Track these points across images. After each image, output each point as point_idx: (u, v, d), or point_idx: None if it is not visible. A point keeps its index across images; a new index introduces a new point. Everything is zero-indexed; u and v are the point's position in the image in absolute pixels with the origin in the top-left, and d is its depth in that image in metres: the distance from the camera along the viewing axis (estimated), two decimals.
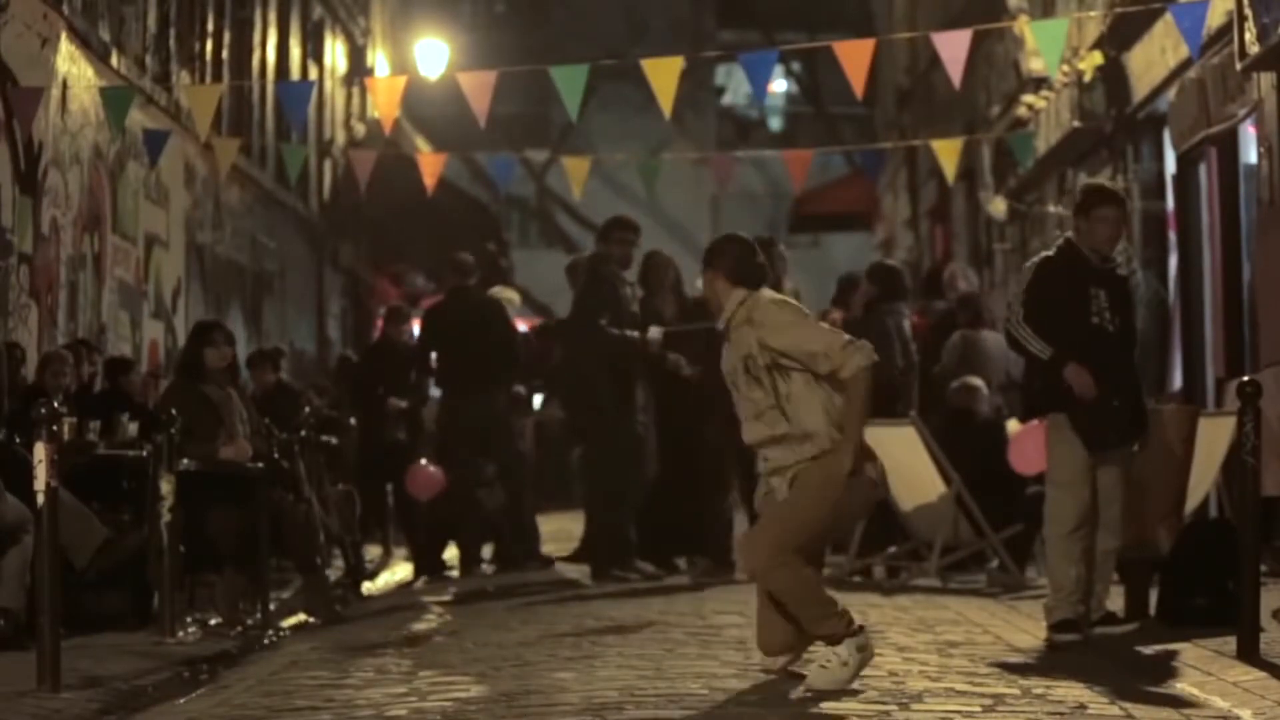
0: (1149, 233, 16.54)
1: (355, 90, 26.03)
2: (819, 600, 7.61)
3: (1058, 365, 9.06)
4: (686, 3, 40.88)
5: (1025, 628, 9.66)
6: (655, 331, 13.08)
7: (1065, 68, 16.71)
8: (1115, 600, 10.49)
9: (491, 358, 14.15)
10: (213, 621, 10.53)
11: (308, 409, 14.32)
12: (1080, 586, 9.11)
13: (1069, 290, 9.14)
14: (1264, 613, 8.65)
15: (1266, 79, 12.54)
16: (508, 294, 16.11)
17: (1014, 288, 9.66)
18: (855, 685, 7.40)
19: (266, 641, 10.08)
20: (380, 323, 18.26)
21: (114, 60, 15.23)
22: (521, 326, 16.51)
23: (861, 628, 7.59)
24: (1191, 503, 10.96)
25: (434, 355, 14.56)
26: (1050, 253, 9.37)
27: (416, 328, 16.08)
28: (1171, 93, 15.01)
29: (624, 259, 13.46)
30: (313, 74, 23.62)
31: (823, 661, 7.47)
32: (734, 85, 41.01)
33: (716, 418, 12.23)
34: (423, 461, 14.65)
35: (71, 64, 14.13)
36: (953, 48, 12.74)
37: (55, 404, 8.23)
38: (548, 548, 14.73)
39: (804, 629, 7.64)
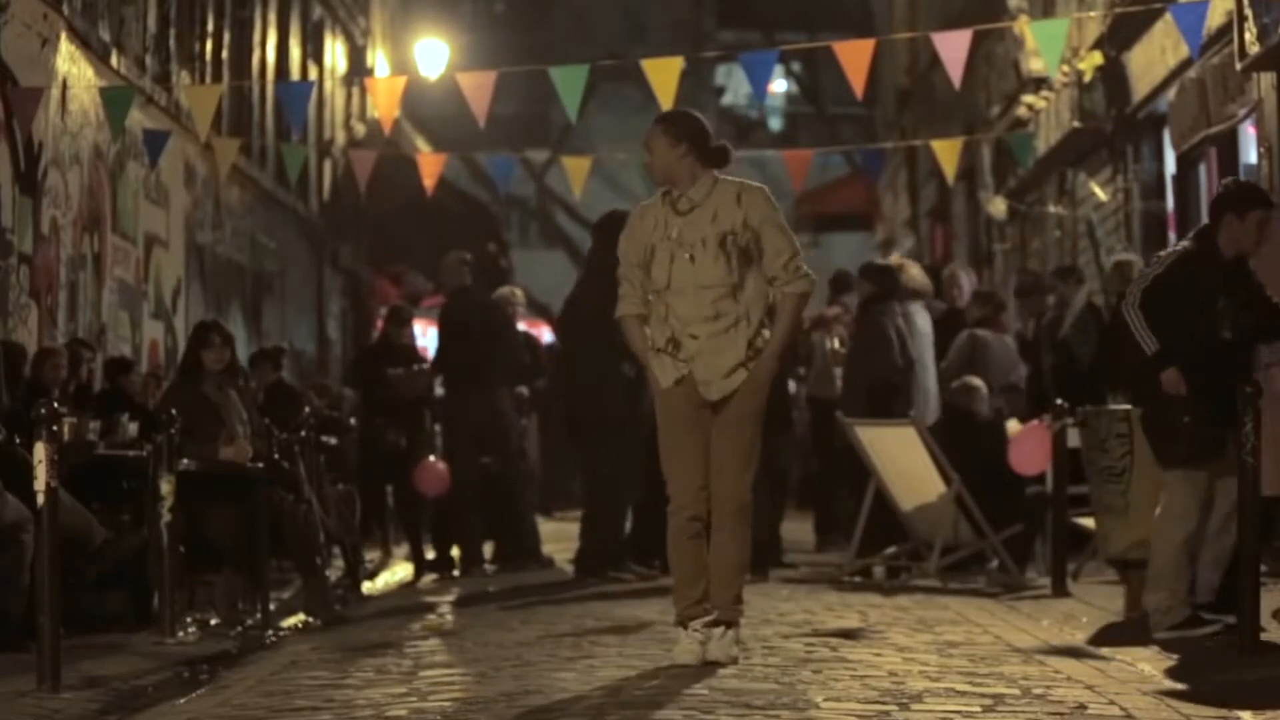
0: (1149, 233, 16.55)
1: (355, 90, 26.04)
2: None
3: (1159, 363, 8.96)
4: (686, 3, 40.89)
5: (1025, 628, 9.65)
6: None
7: (1065, 68, 16.72)
8: (1115, 600, 10.52)
9: (494, 358, 14.17)
10: (213, 621, 10.53)
11: (308, 409, 14.32)
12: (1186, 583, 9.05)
13: (1194, 295, 8.91)
14: (1264, 613, 8.66)
15: (1266, 79, 12.55)
16: (517, 294, 16.14)
17: (1143, 269, 9.41)
18: (856, 685, 7.40)
19: (266, 641, 10.07)
20: (381, 323, 18.25)
21: (114, 60, 15.24)
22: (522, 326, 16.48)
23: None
24: None
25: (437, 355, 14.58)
26: (1190, 247, 9.11)
27: (417, 328, 16.09)
28: (1171, 93, 15.02)
29: None
30: (313, 74, 23.63)
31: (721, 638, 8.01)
32: (734, 85, 41.01)
33: None
34: (431, 458, 14.67)
35: (71, 64, 14.14)
36: (953, 48, 12.74)
37: (55, 402, 8.23)
38: (548, 548, 14.73)
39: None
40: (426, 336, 19.81)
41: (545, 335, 22.84)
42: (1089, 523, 11.36)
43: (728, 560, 8.03)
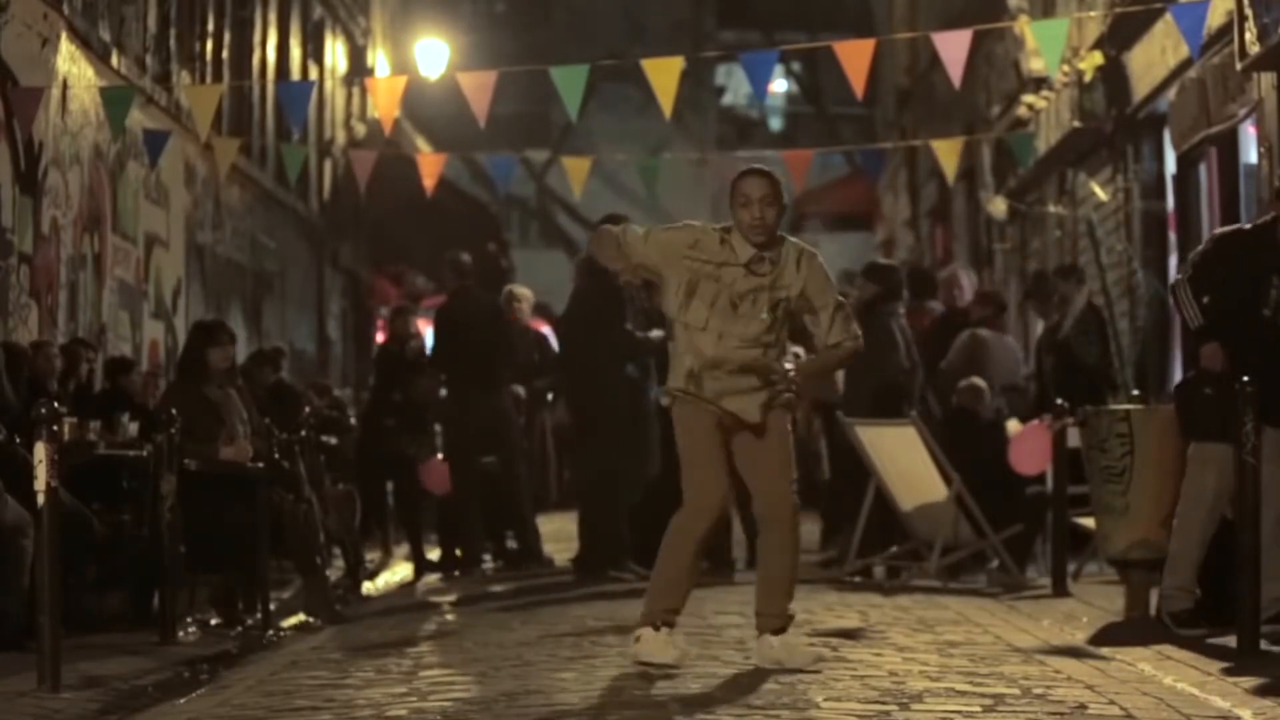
0: (1149, 233, 16.55)
1: (355, 90, 26.03)
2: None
3: (1201, 339, 8.95)
4: (686, 3, 40.90)
5: (1025, 628, 9.65)
6: (658, 333, 13.07)
7: (1065, 68, 16.72)
8: (1115, 600, 10.52)
9: (494, 357, 14.19)
10: (213, 621, 10.53)
11: (308, 409, 14.32)
12: (1196, 574, 9.03)
13: (1246, 273, 8.86)
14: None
15: (1266, 79, 12.55)
16: (523, 292, 16.15)
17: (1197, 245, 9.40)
18: (856, 685, 7.41)
19: (266, 641, 10.08)
20: (384, 323, 18.23)
21: (114, 60, 15.24)
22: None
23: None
24: None
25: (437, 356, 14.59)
26: (1245, 226, 9.11)
27: (420, 328, 16.06)
28: (1171, 93, 15.02)
29: None
30: (313, 74, 23.62)
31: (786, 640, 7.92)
32: (734, 85, 41.03)
33: None
34: (439, 457, 14.68)
35: (71, 64, 14.13)
36: (953, 48, 12.74)
37: (54, 399, 8.23)
38: (548, 548, 14.72)
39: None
40: (426, 337, 19.83)
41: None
42: (1089, 523, 11.38)
43: (783, 568, 8.02)
